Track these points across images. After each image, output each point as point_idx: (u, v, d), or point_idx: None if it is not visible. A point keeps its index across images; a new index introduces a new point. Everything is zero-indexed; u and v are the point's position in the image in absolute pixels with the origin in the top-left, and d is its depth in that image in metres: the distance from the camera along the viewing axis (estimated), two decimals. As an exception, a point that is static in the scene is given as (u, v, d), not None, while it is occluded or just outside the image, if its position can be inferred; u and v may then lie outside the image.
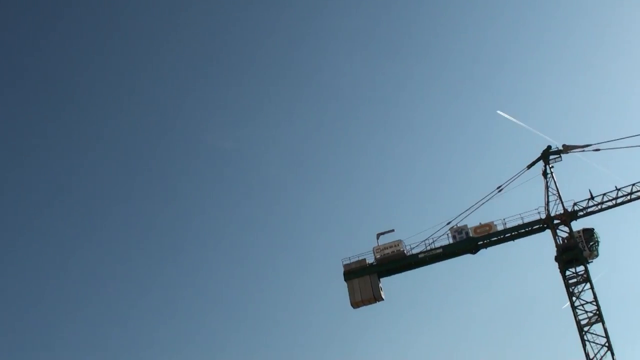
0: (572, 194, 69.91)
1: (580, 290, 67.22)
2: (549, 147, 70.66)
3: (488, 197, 70.56)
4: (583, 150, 70.55)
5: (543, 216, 69.02)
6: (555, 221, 68.78)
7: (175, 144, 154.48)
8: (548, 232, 68.97)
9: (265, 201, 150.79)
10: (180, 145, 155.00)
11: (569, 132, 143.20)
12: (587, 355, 64.60)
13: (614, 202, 68.31)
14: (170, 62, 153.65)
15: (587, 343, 65.02)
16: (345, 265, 70.11)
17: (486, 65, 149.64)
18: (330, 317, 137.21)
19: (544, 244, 69.19)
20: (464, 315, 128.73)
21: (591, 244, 68.01)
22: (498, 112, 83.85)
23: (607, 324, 65.08)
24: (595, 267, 67.91)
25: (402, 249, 69.66)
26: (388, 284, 70.44)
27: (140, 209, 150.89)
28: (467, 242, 69.02)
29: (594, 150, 70.06)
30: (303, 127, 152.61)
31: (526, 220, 68.99)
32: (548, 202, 69.57)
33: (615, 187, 68.30)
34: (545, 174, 70.45)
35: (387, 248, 69.52)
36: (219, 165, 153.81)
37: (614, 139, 69.22)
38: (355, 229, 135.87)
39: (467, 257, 69.90)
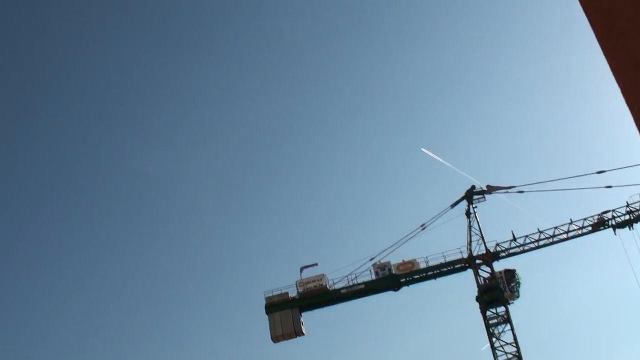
0: (496, 235, 71.62)
1: (500, 331, 67.60)
2: (473, 187, 70.97)
3: (411, 235, 70.83)
4: (507, 192, 71.10)
5: (465, 255, 69.27)
6: (477, 261, 69.04)
7: (95, 166, 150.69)
8: (470, 271, 69.26)
9: (187, 229, 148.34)
10: (101, 168, 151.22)
11: (493, 173, 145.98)
12: (505, 395, 64.62)
13: (535, 244, 69.08)
14: (89, 81, 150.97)
15: (505, 384, 65.04)
16: (267, 298, 69.17)
17: (410, 101, 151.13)
18: (250, 351, 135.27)
19: (466, 284, 69.63)
20: (385, 352, 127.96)
21: (512, 284, 68.62)
22: (422, 149, 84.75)
23: (526, 366, 65.43)
24: (515, 308, 68.57)
25: (324, 284, 69.23)
26: (310, 319, 69.90)
27: (56, 231, 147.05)
28: (390, 279, 68.87)
29: (517, 192, 70.61)
30: (226, 153, 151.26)
31: (448, 259, 69.10)
32: (470, 241, 69.92)
33: (538, 229, 69.29)
34: (468, 213, 70.67)
35: (310, 282, 69.13)
36: (140, 189, 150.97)
37: (537, 181, 70.62)
38: (279, 262, 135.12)
39: (389, 294, 69.65)
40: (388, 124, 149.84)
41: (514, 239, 69.38)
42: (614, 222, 67.74)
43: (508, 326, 67.48)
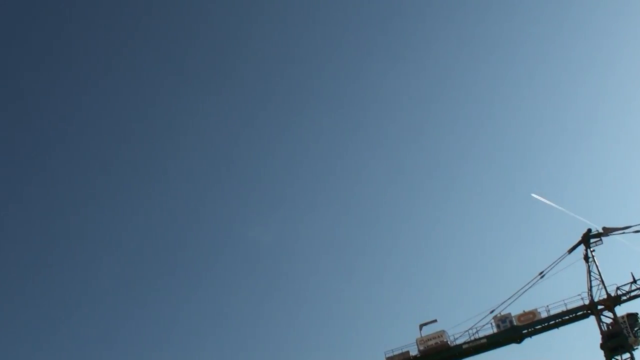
0: (615, 278, 69.79)
1: (627, 379, 66.59)
2: (589, 230, 69.95)
3: (530, 284, 70.31)
4: (623, 233, 69.68)
5: (586, 302, 68.39)
6: (599, 307, 68.02)
7: (216, 238, 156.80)
8: (592, 318, 68.30)
9: (305, 293, 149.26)
10: (221, 240, 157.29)
11: (606, 213, 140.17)
12: None
13: (657, 285, 67.77)
14: (210, 156, 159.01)
15: None
16: (388, 358, 69.85)
17: (516, 147, 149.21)
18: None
19: (589, 331, 68.72)
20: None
21: (636, 329, 67.33)
22: (532, 195, 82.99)
23: (654, 415, 64.59)
24: (642, 355, 67.22)
25: (445, 340, 69.38)
26: (433, 376, 69.74)
27: (180, 306, 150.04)
28: (512, 331, 68.59)
29: (634, 232, 69.18)
30: (339, 217, 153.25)
31: (570, 307, 68.46)
32: (591, 287, 68.86)
33: (658, 269, 67.90)
34: (586, 258, 69.68)
35: (430, 339, 69.24)
36: (259, 258, 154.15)
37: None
38: (397, 320, 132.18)
39: (512, 347, 69.39)
40: (496, 172, 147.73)
41: (634, 281, 68.00)
42: None
43: (635, 373, 66.46)
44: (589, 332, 68.95)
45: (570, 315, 68.51)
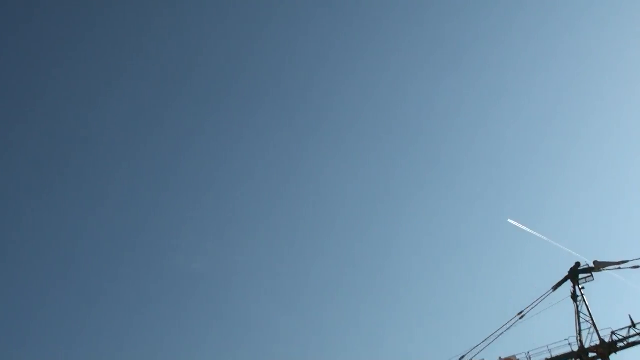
0: (610, 321, 62.14)
1: None
2: (578, 264, 63.12)
3: (508, 325, 62.68)
4: (619, 268, 62.48)
5: (575, 348, 60.63)
6: (591, 354, 60.04)
7: (145, 266, 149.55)
8: (582, 367, 58.81)
9: (238, 325, 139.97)
10: (151, 268, 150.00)
11: (597, 246, 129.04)
12: None
13: (659, 329, 59.34)
14: (137, 183, 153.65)
15: None
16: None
17: (496, 172, 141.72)
18: None
19: (579, 383, 58.67)
20: None
21: (635, 382, 57.56)
22: (509, 220, 74.44)
23: None
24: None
25: (408, 390, 59.65)
26: None
27: (110, 337, 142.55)
28: (486, 381, 59.30)
29: (632, 267, 61.68)
30: (275, 250, 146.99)
31: (555, 354, 60.63)
32: (580, 330, 61.69)
33: (661, 311, 59.02)
34: (574, 296, 62.53)
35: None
36: (189, 287, 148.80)
37: (654, 253, 61.59)
38: None
39: (485, 399, 60.20)
40: (469, 199, 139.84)
41: (633, 325, 60.40)
42: None
43: None
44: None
45: (556, 364, 59.33)
